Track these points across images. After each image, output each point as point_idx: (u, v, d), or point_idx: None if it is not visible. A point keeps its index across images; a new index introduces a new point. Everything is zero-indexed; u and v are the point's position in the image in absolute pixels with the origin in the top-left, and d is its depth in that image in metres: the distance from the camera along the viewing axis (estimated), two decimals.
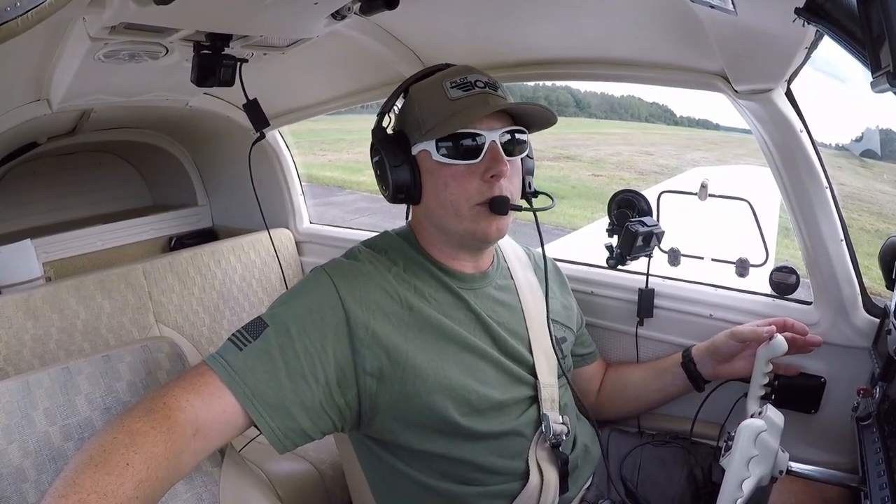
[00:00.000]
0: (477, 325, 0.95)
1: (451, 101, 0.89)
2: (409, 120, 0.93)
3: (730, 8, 0.76)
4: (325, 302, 0.83)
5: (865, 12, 0.54)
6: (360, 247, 0.96)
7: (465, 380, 0.90)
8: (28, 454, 0.92)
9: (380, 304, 0.86)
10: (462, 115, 0.87)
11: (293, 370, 0.80)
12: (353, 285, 0.86)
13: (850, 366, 1.14)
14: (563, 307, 1.15)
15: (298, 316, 0.82)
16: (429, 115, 0.90)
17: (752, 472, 0.80)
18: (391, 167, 0.90)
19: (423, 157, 0.91)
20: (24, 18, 0.70)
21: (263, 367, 0.79)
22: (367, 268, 0.90)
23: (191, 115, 1.94)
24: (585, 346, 1.25)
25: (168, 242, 2.45)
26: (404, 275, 0.92)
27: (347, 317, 0.83)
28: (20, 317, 1.57)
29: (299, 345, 0.80)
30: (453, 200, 0.89)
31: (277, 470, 1.58)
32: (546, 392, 0.99)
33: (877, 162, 3.46)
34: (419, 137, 0.90)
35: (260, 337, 0.80)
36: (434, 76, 0.94)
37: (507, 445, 0.95)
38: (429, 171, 0.90)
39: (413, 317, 0.88)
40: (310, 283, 0.87)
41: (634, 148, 11.55)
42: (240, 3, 0.98)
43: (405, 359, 0.85)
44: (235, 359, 0.79)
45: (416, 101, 0.93)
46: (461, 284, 0.96)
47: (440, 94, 0.90)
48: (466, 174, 0.88)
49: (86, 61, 1.15)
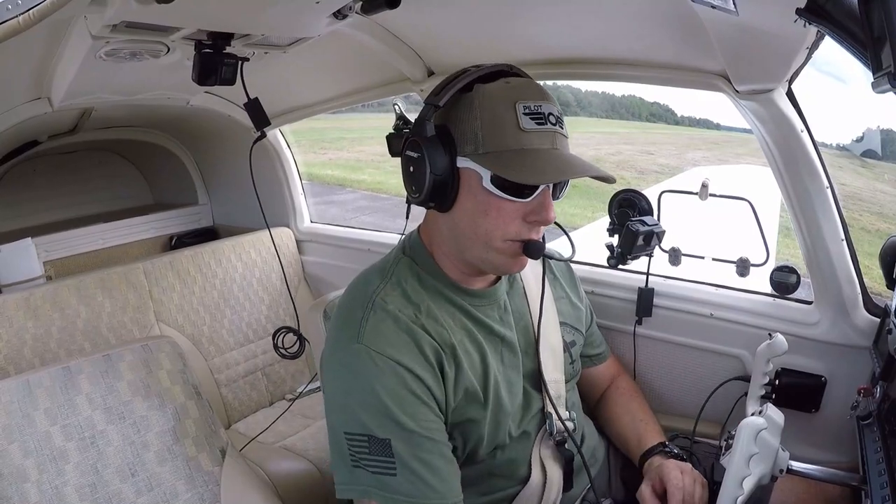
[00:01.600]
0: (496, 347, 0.94)
1: (522, 133, 0.79)
2: (463, 126, 0.81)
3: (731, 8, 0.76)
4: (397, 381, 0.80)
5: (866, 13, 0.54)
6: (380, 293, 0.87)
7: (499, 416, 0.91)
8: (29, 454, 0.93)
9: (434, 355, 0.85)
10: (533, 166, 0.79)
11: (439, 450, 0.82)
12: (402, 350, 0.82)
13: (851, 365, 1.14)
14: (573, 307, 1.12)
15: (398, 409, 0.79)
16: (491, 135, 0.79)
17: (753, 470, 0.80)
18: (432, 174, 0.80)
19: (468, 174, 0.82)
20: (25, 16, 0.70)
21: (423, 471, 0.79)
22: (403, 322, 0.84)
23: (192, 113, 1.94)
24: (595, 346, 1.20)
25: (169, 241, 2.45)
26: (430, 318, 0.88)
27: (426, 384, 0.83)
28: (21, 316, 1.57)
29: (420, 426, 0.80)
30: (488, 230, 0.82)
31: (278, 470, 1.58)
32: (552, 389, 0.98)
33: (877, 162, 3.46)
34: (472, 153, 0.80)
35: (394, 453, 0.78)
36: (503, 85, 0.82)
37: (513, 449, 0.95)
38: (471, 190, 0.82)
39: (455, 355, 0.87)
40: (370, 370, 0.80)
41: (635, 147, 11.54)
42: (241, 2, 0.98)
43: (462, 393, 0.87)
44: (405, 485, 0.79)
45: (478, 110, 0.80)
46: (475, 302, 0.93)
47: (510, 115, 0.79)
48: (510, 210, 0.81)
49: (87, 60, 1.15)
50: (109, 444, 0.99)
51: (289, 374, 2.09)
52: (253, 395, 1.98)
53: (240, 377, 1.96)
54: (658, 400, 1.36)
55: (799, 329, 1.18)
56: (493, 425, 0.90)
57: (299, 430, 1.82)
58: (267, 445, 1.72)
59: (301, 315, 1.68)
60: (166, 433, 1.04)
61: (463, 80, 0.83)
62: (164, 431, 1.04)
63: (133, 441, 1.01)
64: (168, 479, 1.01)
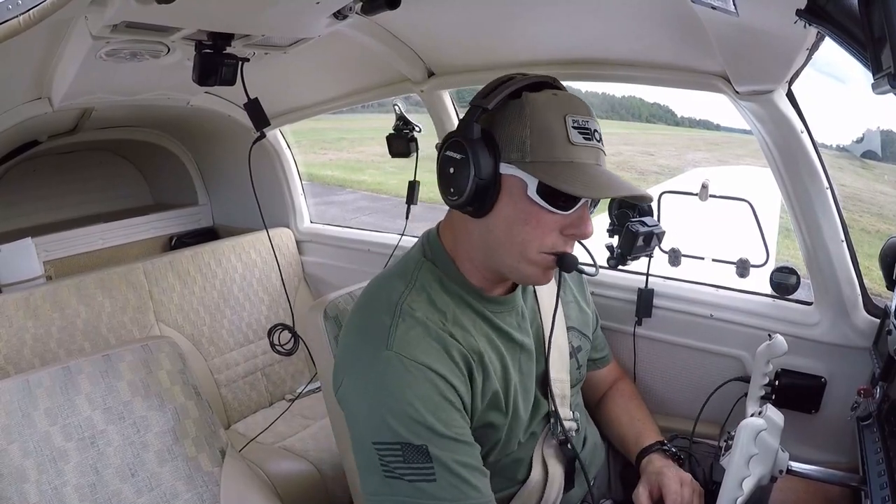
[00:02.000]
0: (515, 354, 0.94)
1: (571, 146, 0.79)
2: (509, 132, 0.80)
3: (731, 9, 0.76)
4: (430, 388, 0.80)
5: (866, 14, 0.54)
6: (406, 300, 0.85)
7: (513, 423, 0.92)
8: (29, 454, 0.93)
9: (463, 362, 0.85)
10: (583, 180, 0.78)
11: (473, 453, 0.83)
12: (434, 356, 0.81)
13: (851, 366, 1.14)
14: (581, 312, 1.11)
15: (432, 415, 0.79)
16: (540, 144, 0.79)
17: (753, 470, 0.80)
18: (476, 177, 0.79)
19: (511, 181, 0.80)
20: (25, 17, 0.70)
21: (463, 472, 0.80)
22: (432, 329, 0.83)
23: (192, 114, 1.94)
24: (598, 349, 1.20)
25: (169, 241, 2.45)
26: (456, 326, 0.87)
27: (458, 391, 0.83)
28: (21, 316, 1.57)
29: (454, 432, 0.80)
30: (525, 240, 0.82)
31: (278, 470, 1.58)
32: (557, 388, 0.99)
33: (878, 163, 3.46)
34: (518, 161, 0.79)
35: (432, 459, 0.78)
36: (551, 96, 0.81)
37: (520, 451, 0.96)
38: (513, 197, 0.81)
39: (482, 363, 0.88)
40: (402, 377, 0.79)
41: (635, 148, 11.52)
42: (242, 3, 0.98)
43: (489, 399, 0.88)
44: (447, 489, 0.79)
45: (528, 118, 0.79)
46: (495, 309, 0.93)
47: (560, 127, 0.79)
48: (550, 221, 0.81)
49: (87, 60, 1.15)
50: (109, 445, 0.99)
51: (288, 375, 2.09)
52: (252, 396, 1.98)
53: (239, 377, 1.96)
54: (658, 400, 1.36)
55: (799, 330, 1.18)
56: (509, 432, 0.91)
57: (299, 431, 1.82)
58: (266, 446, 1.72)
59: (297, 313, 1.68)
60: (166, 433, 1.04)
61: (512, 86, 0.81)
62: (163, 432, 1.04)
63: (133, 441, 1.01)
64: (168, 479, 1.01)
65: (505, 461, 0.94)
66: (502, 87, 0.81)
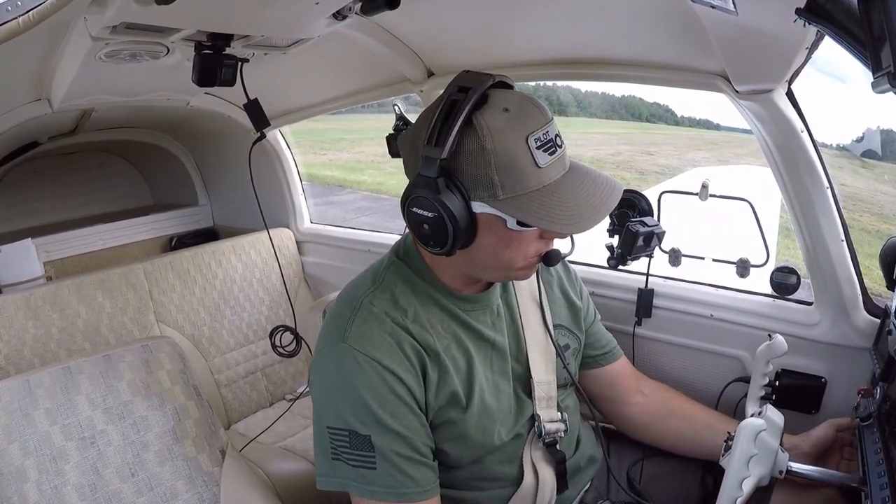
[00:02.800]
0: (486, 352, 0.95)
1: (540, 170, 0.76)
2: (474, 172, 0.76)
3: (731, 8, 0.76)
4: (379, 382, 0.83)
5: (866, 13, 0.54)
6: (368, 296, 0.88)
7: (484, 421, 0.92)
8: (29, 454, 0.93)
9: (416, 358, 0.87)
10: (561, 208, 0.77)
11: (415, 446, 0.85)
12: (385, 351, 0.84)
13: (851, 366, 1.14)
14: (570, 308, 1.09)
15: (380, 408, 0.82)
16: (508, 179, 0.75)
17: (752, 471, 0.80)
18: (454, 228, 0.77)
19: (487, 219, 0.79)
20: (25, 18, 0.70)
21: (402, 463, 0.83)
22: (387, 324, 0.86)
23: (192, 114, 1.94)
24: (597, 346, 1.14)
25: (169, 242, 2.45)
26: (416, 323, 0.89)
27: (407, 385, 0.85)
28: (21, 316, 1.57)
29: (399, 425, 0.83)
30: (510, 258, 0.83)
31: (277, 470, 1.58)
32: (541, 390, 0.98)
33: (878, 162, 3.45)
34: (488, 198, 0.77)
35: (374, 448, 0.82)
36: (504, 115, 0.76)
37: (505, 452, 0.95)
38: (492, 230, 0.80)
39: (439, 361, 0.89)
40: (353, 370, 0.83)
41: (635, 148, 11.52)
42: (241, 4, 0.98)
43: (447, 396, 0.89)
44: (385, 477, 0.83)
45: (489, 155, 0.75)
46: (467, 307, 0.94)
47: (525, 155, 0.75)
48: (530, 236, 0.82)
49: (87, 61, 1.15)
50: (109, 444, 0.99)
51: (289, 375, 2.09)
52: (253, 396, 1.98)
53: (240, 378, 1.96)
54: None
55: (799, 330, 1.18)
56: (479, 429, 0.91)
57: (299, 431, 1.82)
58: (267, 446, 1.72)
59: (299, 314, 1.68)
60: (166, 433, 1.04)
61: (459, 116, 0.74)
62: (163, 432, 1.04)
63: (133, 441, 1.01)
64: (168, 479, 1.02)
65: (491, 460, 0.94)
66: (450, 124, 0.74)
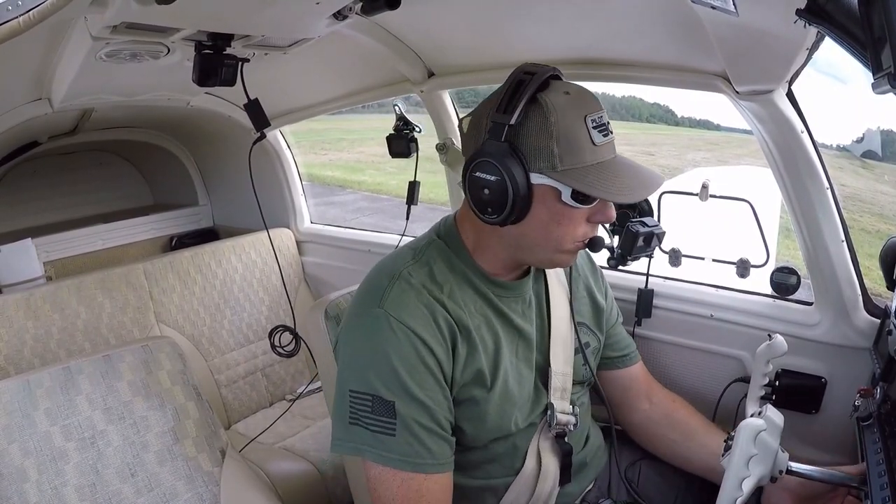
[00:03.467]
0: (513, 339, 0.96)
1: (596, 148, 0.82)
2: (534, 142, 0.81)
3: (731, 9, 0.76)
4: (410, 350, 0.84)
5: (866, 14, 0.54)
6: (408, 268, 0.91)
7: (505, 404, 0.93)
8: (29, 454, 0.93)
9: (448, 331, 0.88)
10: (616, 181, 0.82)
11: (437, 419, 0.86)
12: (420, 321, 0.85)
13: (851, 366, 1.14)
14: (594, 307, 1.11)
15: (408, 375, 0.83)
16: (568, 152, 0.81)
17: (752, 471, 0.80)
18: (514, 194, 0.81)
19: (544, 191, 0.83)
20: (25, 17, 0.70)
21: (422, 434, 0.84)
22: (424, 295, 0.88)
23: (192, 114, 1.94)
24: (616, 348, 1.15)
25: (169, 242, 2.45)
26: (451, 299, 0.90)
27: (437, 357, 0.86)
28: (21, 316, 1.57)
29: (424, 395, 0.84)
30: (560, 237, 0.86)
31: (278, 470, 1.58)
32: (557, 380, 0.99)
33: (878, 163, 3.45)
34: (548, 170, 0.81)
35: (397, 415, 0.83)
36: (565, 97, 0.82)
37: (517, 439, 0.96)
38: (545, 203, 0.84)
39: (469, 338, 0.90)
40: (386, 335, 0.84)
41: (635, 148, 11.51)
42: (241, 3, 0.98)
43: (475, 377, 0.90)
44: (403, 445, 0.83)
45: (552, 127, 0.80)
46: (501, 293, 0.95)
47: (583, 131, 0.81)
48: (579, 215, 0.86)
49: (87, 61, 1.15)
50: (109, 445, 0.99)
51: (289, 375, 2.09)
52: (253, 396, 1.99)
53: (240, 378, 1.96)
54: None
55: (799, 330, 1.18)
56: (499, 412, 0.92)
57: (299, 431, 1.82)
58: (267, 446, 1.72)
59: (298, 315, 1.68)
60: (166, 433, 1.04)
61: (527, 91, 0.80)
62: (163, 432, 1.04)
63: (133, 441, 1.01)
64: (168, 479, 1.01)
65: (504, 447, 0.95)
66: (518, 97, 0.80)
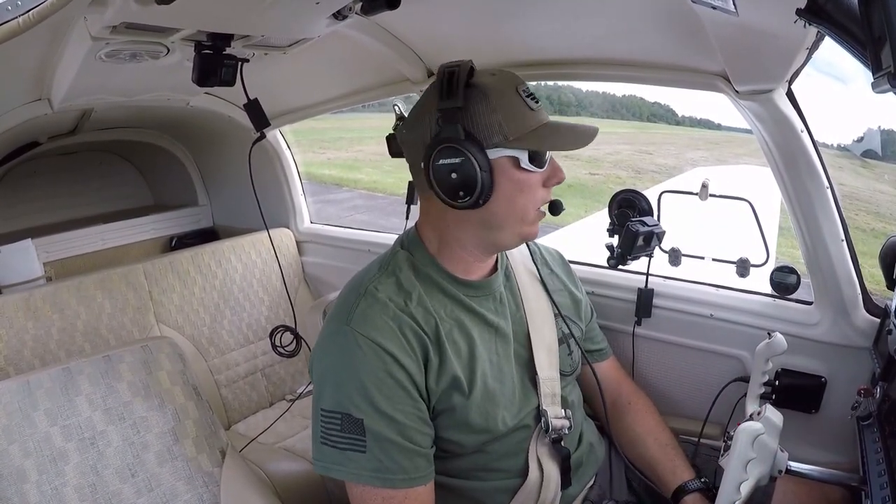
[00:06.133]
0: (490, 337, 0.97)
1: (533, 113, 0.89)
2: (482, 121, 0.87)
3: (731, 8, 0.76)
4: (379, 365, 0.85)
5: (866, 13, 0.54)
6: (374, 282, 0.92)
7: (486, 405, 0.93)
8: (29, 454, 0.92)
9: (418, 343, 0.88)
10: (558, 135, 0.89)
11: (408, 434, 0.85)
12: (387, 335, 0.86)
13: (851, 365, 1.14)
14: (572, 299, 1.14)
15: (377, 391, 0.83)
16: (514, 121, 0.87)
17: (751, 472, 0.80)
18: (481, 171, 0.84)
19: (503, 163, 0.87)
20: (25, 18, 0.70)
21: (392, 449, 0.84)
22: (391, 309, 0.88)
23: (192, 114, 1.94)
24: (594, 342, 1.20)
25: (169, 242, 2.45)
26: (419, 307, 0.91)
27: (407, 370, 0.86)
28: (21, 317, 1.57)
29: (394, 410, 0.84)
30: (524, 206, 0.90)
31: (277, 470, 1.58)
32: (546, 386, 1.00)
33: (878, 162, 3.46)
34: (502, 143, 0.87)
35: (366, 432, 0.83)
36: (492, 77, 0.90)
37: (510, 442, 0.96)
38: (507, 175, 0.88)
39: (440, 345, 0.90)
40: (354, 352, 0.85)
41: (635, 147, 11.54)
42: (241, 3, 0.98)
43: (450, 381, 0.90)
44: (373, 461, 0.83)
45: (495, 104, 0.87)
46: (470, 293, 0.96)
47: (519, 101, 0.88)
48: (536, 181, 0.90)
49: (87, 61, 1.15)
50: (109, 445, 0.99)
51: (289, 375, 2.09)
52: (253, 396, 1.98)
53: (240, 378, 1.96)
54: (657, 401, 1.34)
55: (799, 329, 1.18)
56: (482, 415, 0.92)
57: (299, 431, 1.82)
58: (267, 446, 1.72)
59: (299, 314, 1.68)
60: (166, 434, 1.04)
61: (461, 78, 0.86)
62: (163, 432, 1.04)
63: (133, 442, 1.01)
64: (168, 479, 1.01)
65: (495, 449, 0.95)
66: (455, 84, 0.86)
